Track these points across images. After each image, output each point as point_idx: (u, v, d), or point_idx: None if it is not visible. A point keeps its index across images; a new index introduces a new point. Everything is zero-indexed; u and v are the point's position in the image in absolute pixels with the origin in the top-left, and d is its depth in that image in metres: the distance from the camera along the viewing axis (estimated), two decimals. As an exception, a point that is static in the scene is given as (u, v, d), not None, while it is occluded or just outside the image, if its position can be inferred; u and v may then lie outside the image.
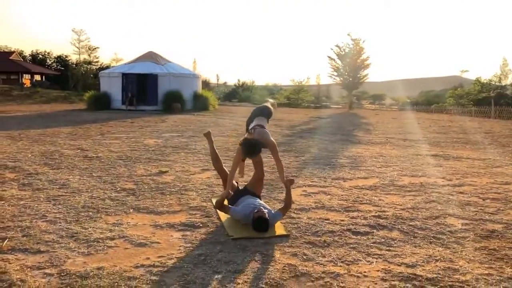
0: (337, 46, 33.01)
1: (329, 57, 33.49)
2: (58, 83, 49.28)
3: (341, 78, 33.44)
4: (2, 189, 5.77)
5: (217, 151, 5.34)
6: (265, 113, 4.96)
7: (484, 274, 3.36)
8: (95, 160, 7.93)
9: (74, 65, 52.43)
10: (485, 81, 48.72)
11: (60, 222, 4.45)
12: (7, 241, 3.90)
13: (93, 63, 55.54)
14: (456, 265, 3.53)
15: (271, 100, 5.61)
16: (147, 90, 23.53)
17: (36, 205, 5.05)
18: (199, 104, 24.18)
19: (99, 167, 7.33)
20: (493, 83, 47.88)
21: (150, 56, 25.12)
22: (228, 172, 4.90)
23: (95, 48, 54.77)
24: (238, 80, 65.40)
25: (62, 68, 56.45)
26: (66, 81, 50.23)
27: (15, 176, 6.55)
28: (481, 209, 5.18)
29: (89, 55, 54.64)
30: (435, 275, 3.31)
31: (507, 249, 3.92)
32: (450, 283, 3.19)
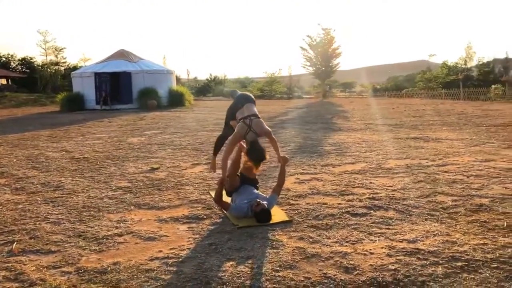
0: (308, 36, 33.31)
1: (301, 47, 33.77)
2: (24, 86, 48.03)
3: (314, 68, 33.78)
4: (-5, 194, 5.73)
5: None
6: (252, 99, 4.94)
7: (480, 244, 3.59)
8: (83, 161, 7.91)
9: (40, 67, 51.15)
10: (451, 64, 50.02)
11: (64, 223, 4.49)
12: (16, 244, 3.93)
13: (60, 64, 54.39)
14: (453, 238, 3.76)
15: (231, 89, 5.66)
16: (121, 88, 23.31)
17: (35, 208, 5.06)
18: (175, 100, 24.09)
19: (88, 167, 7.33)
20: (459, 66, 49.20)
21: (122, 54, 24.85)
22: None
23: (61, 49, 53.64)
24: (210, 75, 65.11)
25: (28, 71, 55.03)
26: (33, 84, 48.99)
27: (5, 181, 6.49)
28: (467, 185, 5.46)
29: (56, 56, 53.46)
30: (435, 248, 3.53)
31: (497, 220, 4.18)
32: (450, 254, 3.41)
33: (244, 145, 4.80)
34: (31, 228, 4.35)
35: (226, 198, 4.68)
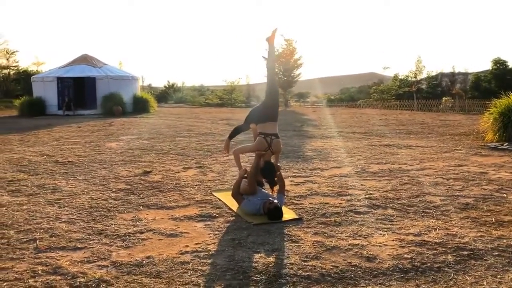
0: (271, 46, 33.85)
1: (263, 57, 34.23)
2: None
3: (277, 78, 34.39)
4: (-7, 196, 5.68)
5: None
6: (276, 117, 5.12)
7: (478, 236, 4.02)
8: (69, 165, 7.88)
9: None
10: (402, 77, 52.33)
11: (78, 222, 4.57)
12: (39, 241, 4.00)
13: (11, 68, 52.40)
14: (453, 231, 4.17)
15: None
16: (85, 94, 22.94)
17: (41, 209, 5.08)
18: (140, 106, 23.93)
19: (78, 171, 7.33)
20: (409, 78, 51.53)
21: (86, 59, 24.44)
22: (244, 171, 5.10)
23: (13, 52, 51.76)
24: (168, 82, 64.65)
25: (-26, 74, 52.52)
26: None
27: (-4, 183, 6.42)
28: (449, 187, 5.94)
29: (7, 59, 51.49)
30: (441, 240, 3.92)
31: (485, 216, 4.64)
32: (455, 245, 3.80)
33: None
34: (47, 227, 4.41)
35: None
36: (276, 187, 5.05)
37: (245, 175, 5.02)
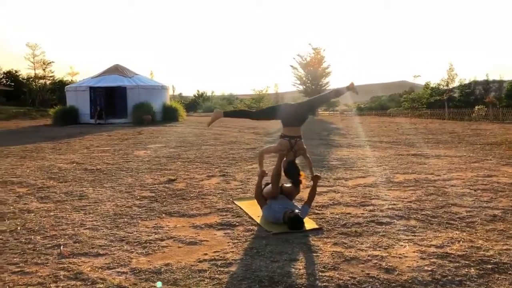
0: (299, 55, 33.92)
1: (291, 66, 34.34)
2: (10, 99, 47.68)
3: (304, 86, 34.31)
4: (23, 202, 5.88)
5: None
6: (302, 123, 5.18)
7: (503, 250, 3.89)
8: (97, 172, 8.06)
9: (26, 81, 50.90)
10: (433, 85, 51.43)
11: (102, 229, 4.67)
12: (63, 247, 4.11)
13: (47, 78, 54.12)
14: (477, 244, 4.05)
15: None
16: (116, 103, 23.47)
17: (67, 215, 5.22)
18: (169, 115, 24.29)
19: (105, 178, 7.49)
20: (441, 87, 50.59)
21: (117, 69, 25.05)
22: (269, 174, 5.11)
23: (49, 63, 53.50)
24: (198, 91, 65.53)
25: (12, 84, 54.57)
26: (18, 97, 48.69)
27: (27, 190, 6.63)
28: (476, 198, 5.78)
29: (43, 69, 53.27)
30: (464, 253, 3.82)
31: (513, 229, 4.50)
32: (479, 258, 3.70)
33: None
34: (71, 233, 4.53)
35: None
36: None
37: (267, 181, 5.05)
